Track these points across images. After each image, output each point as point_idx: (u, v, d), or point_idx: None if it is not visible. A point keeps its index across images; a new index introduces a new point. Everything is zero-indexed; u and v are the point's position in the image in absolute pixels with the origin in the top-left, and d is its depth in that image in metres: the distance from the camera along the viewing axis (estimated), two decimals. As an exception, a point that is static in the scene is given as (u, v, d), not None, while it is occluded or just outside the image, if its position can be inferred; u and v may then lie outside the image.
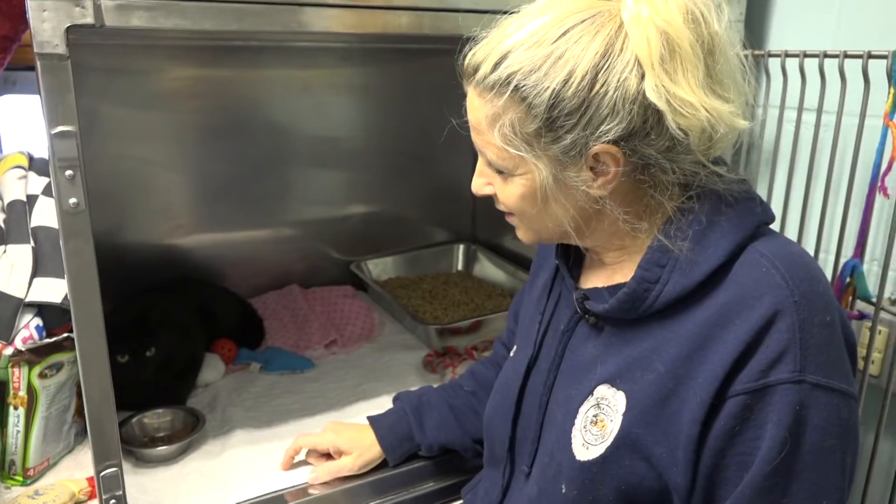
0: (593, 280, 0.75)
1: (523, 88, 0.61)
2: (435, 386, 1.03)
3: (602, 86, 0.59)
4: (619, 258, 0.71)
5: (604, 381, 0.68)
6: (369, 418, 1.00)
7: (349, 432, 0.99)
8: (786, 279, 0.60)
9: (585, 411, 0.69)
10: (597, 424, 0.67)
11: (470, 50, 0.66)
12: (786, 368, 0.58)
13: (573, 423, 0.69)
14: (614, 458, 0.65)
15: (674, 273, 0.64)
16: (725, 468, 0.60)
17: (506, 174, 0.68)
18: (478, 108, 0.66)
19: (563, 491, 0.69)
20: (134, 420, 1.04)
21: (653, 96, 0.58)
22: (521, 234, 0.74)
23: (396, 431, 0.98)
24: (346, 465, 0.96)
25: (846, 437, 0.60)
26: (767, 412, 0.58)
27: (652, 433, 0.63)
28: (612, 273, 0.72)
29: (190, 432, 1.02)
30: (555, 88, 0.60)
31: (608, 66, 0.59)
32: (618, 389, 0.66)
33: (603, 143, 0.61)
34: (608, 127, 0.60)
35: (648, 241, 0.67)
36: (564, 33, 0.60)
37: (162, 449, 0.99)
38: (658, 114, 0.60)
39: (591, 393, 0.69)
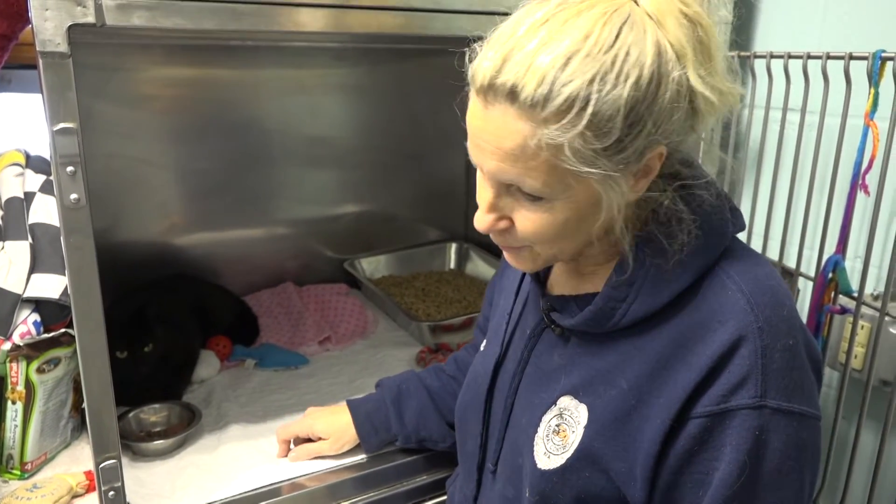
0: (562, 286, 0.74)
1: (594, 102, 0.54)
2: (417, 370, 1.04)
3: (667, 85, 0.55)
4: (595, 268, 0.70)
5: (567, 392, 0.68)
6: (348, 402, 1.01)
7: (326, 417, 1.01)
8: (751, 304, 0.60)
9: (548, 420, 0.69)
10: (559, 434, 0.67)
11: (483, 67, 0.57)
12: (746, 394, 0.58)
13: (536, 431, 0.70)
14: (574, 469, 0.65)
15: (641, 292, 0.63)
16: (682, 485, 0.61)
17: (545, 200, 0.60)
18: (519, 132, 0.56)
19: (527, 495, 0.69)
20: (131, 415, 1.05)
21: (701, 88, 0.56)
22: (528, 263, 0.68)
23: (374, 420, 0.99)
24: (322, 449, 0.99)
25: (805, 458, 0.61)
26: (726, 435, 0.59)
27: (612, 448, 0.64)
28: (582, 280, 0.72)
29: (186, 427, 1.04)
30: (627, 97, 0.54)
31: (663, 63, 0.55)
32: (580, 402, 0.67)
33: (662, 144, 0.58)
34: (668, 127, 0.57)
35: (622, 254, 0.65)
36: (617, 36, 0.54)
37: (158, 443, 1.00)
38: (692, 106, 0.58)
39: (554, 403, 0.69)
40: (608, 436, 0.64)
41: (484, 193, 0.63)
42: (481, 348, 0.86)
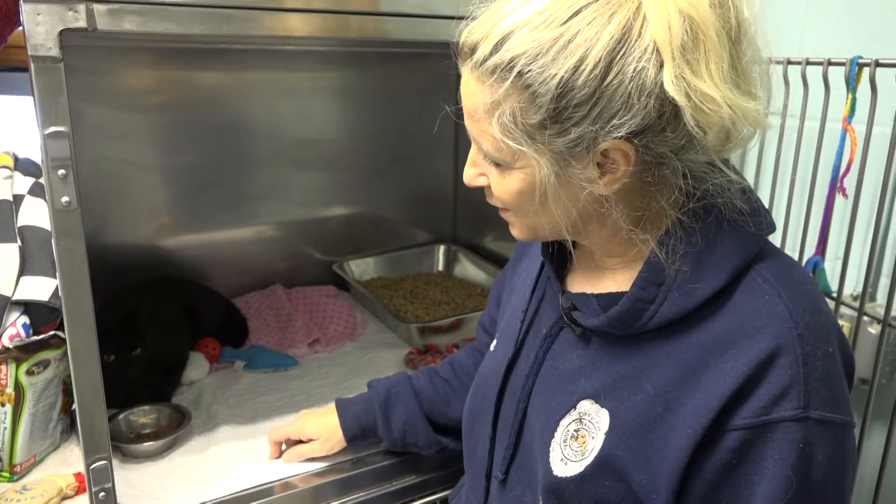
0: (581, 283, 0.71)
1: (528, 74, 0.54)
2: (409, 373, 1.04)
3: (616, 75, 0.53)
4: (615, 264, 0.67)
5: (588, 396, 0.65)
6: (337, 402, 1.01)
7: (316, 418, 1.01)
8: (789, 309, 0.57)
9: (566, 425, 0.66)
10: (577, 440, 0.64)
11: (466, 26, 0.59)
12: (789, 405, 0.55)
13: (552, 436, 0.67)
14: (593, 478, 0.62)
15: (671, 293, 0.60)
16: (719, 500, 0.58)
17: (503, 167, 0.61)
18: (475, 92, 0.59)
19: (540, 502, 0.67)
20: (120, 417, 1.05)
21: (672, 89, 0.52)
22: (517, 231, 0.68)
23: (361, 422, 0.98)
24: (313, 450, 0.99)
25: (847, 470, 0.59)
26: (767, 448, 0.56)
27: (634, 457, 0.60)
28: (602, 278, 0.68)
29: (176, 428, 1.04)
30: (563, 76, 0.53)
31: (624, 53, 0.52)
32: (602, 406, 0.63)
33: (614, 138, 0.55)
34: (620, 121, 0.54)
35: (647, 253, 0.62)
36: (576, 13, 0.53)
37: (148, 444, 1.00)
38: (675, 108, 0.54)
39: (573, 406, 0.66)
40: (631, 444, 0.60)
41: (472, 148, 0.66)
42: (491, 349, 0.83)
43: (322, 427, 1.00)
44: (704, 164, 0.59)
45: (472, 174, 0.66)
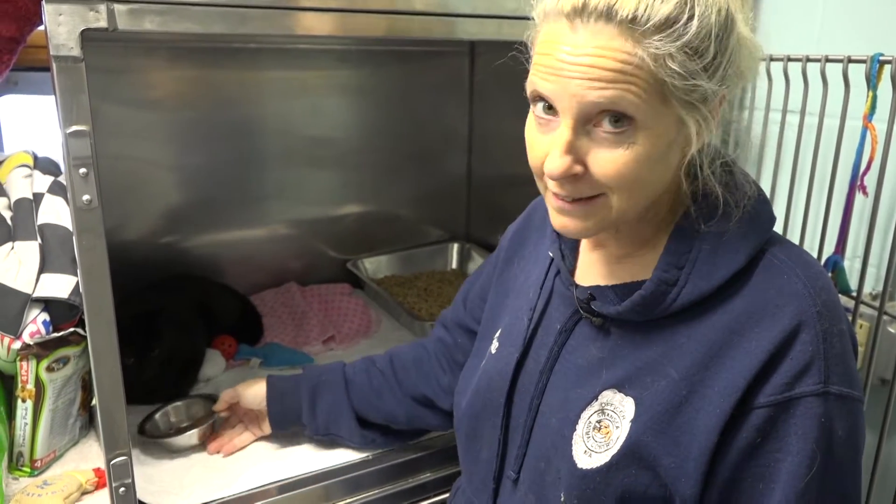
0: (592, 277, 0.72)
1: (697, 14, 0.55)
2: (347, 362, 1.04)
3: (734, 22, 0.57)
4: (631, 253, 0.68)
5: (610, 387, 0.65)
6: (269, 377, 1.02)
7: (248, 388, 1.02)
8: (808, 288, 0.59)
9: (588, 417, 0.66)
10: (600, 431, 0.65)
11: None
12: (811, 380, 0.57)
13: (574, 429, 0.66)
14: (620, 467, 0.62)
15: (692, 275, 0.62)
16: (742, 481, 0.59)
17: (627, 134, 0.57)
18: (618, 48, 0.55)
19: (562, 499, 0.66)
20: (157, 415, 1.05)
21: (747, 34, 0.58)
22: (592, 222, 0.63)
23: (285, 403, 0.99)
24: (236, 391, 1.01)
25: (860, 445, 0.61)
26: (790, 424, 0.57)
27: (661, 442, 0.61)
28: (617, 269, 0.69)
29: (210, 416, 1.04)
30: (715, 20, 0.56)
31: (732, 4, 0.58)
32: (626, 395, 0.64)
33: (728, 86, 0.59)
34: (735, 69, 0.58)
35: (664, 240, 0.64)
36: None
37: (189, 434, 1.00)
38: (737, 62, 0.59)
39: (595, 398, 0.66)
40: (657, 429, 0.61)
41: (556, 137, 0.59)
42: (493, 351, 0.80)
43: (248, 382, 1.02)
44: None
45: (566, 163, 0.59)
